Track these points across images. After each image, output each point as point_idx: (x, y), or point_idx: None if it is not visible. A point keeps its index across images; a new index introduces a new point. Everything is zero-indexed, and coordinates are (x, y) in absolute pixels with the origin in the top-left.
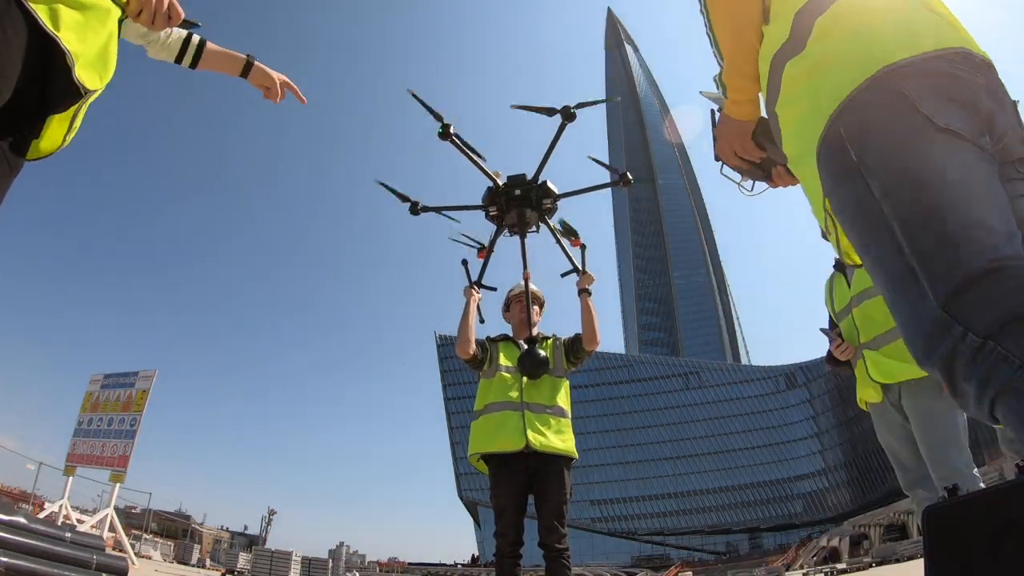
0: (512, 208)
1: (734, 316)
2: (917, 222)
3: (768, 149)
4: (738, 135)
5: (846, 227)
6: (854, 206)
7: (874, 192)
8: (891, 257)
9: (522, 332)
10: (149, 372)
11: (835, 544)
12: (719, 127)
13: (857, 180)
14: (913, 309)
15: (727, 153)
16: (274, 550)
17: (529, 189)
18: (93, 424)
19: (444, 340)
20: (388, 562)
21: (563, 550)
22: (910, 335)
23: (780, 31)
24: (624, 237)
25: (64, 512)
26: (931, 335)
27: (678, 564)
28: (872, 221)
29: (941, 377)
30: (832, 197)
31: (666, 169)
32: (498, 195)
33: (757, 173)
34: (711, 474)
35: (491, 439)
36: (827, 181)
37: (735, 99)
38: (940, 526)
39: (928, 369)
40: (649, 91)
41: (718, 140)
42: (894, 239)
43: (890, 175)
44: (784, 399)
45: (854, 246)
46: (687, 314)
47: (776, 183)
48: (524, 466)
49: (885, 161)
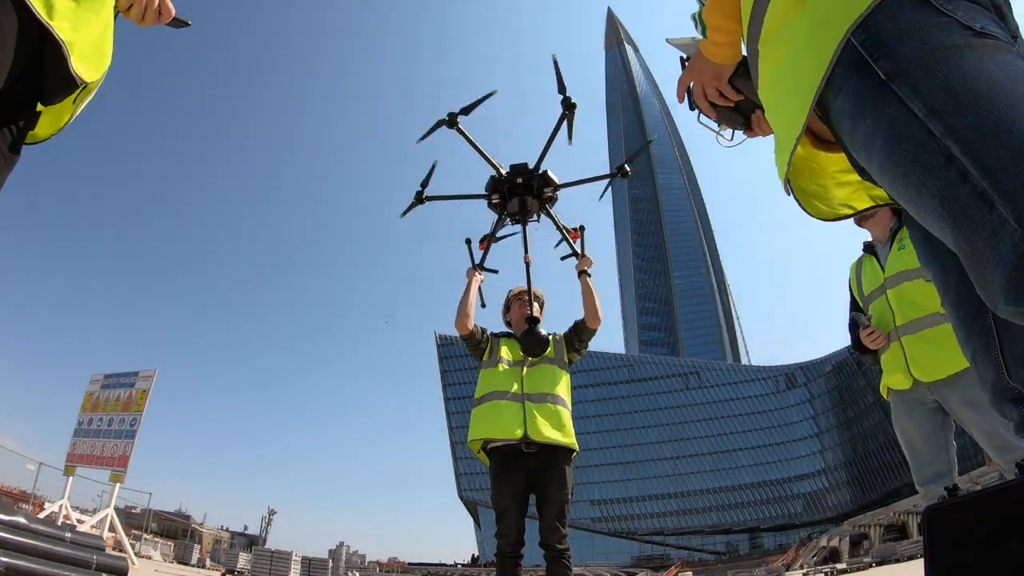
0: (514, 197)
1: (734, 316)
2: (983, 139)
3: (746, 93)
4: (713, 77)
5: (878, 162)
6: (888, 130)
7: (916, 111)
8: (949, 184)
9: (520, 328)
10: (149, 372)
11: (835, 544)
12: (693, 66)
13: (888, 101)
14: (989, 241)
15: (698, 95)
16: (274, 550)
17: (531, 178)
18: (93, 424)
19: (444, 340)
20: (388, 562)
21: (564, 550)
22: (987, 273)
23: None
24: (624, 237)
25: (64, 512)
26: (1016, 269)
27: (678, 564)
28: (916, 145)
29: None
30: (858, 132)
31: (666, 169)
32: (501, 184)
33: (735, 119)
34: (711, 474)
35: (491, 426)
36: (848, 113)
37: (715, 40)
38: (940, 526)
39: (1007, 311)
40: (649, 91)
41: (692, 80)
42: (952, 162)
43: (935, 90)
44: (784, 399)
45: (886, 182)
46: (687, 314)
47: (755, 132)
48: (525, 466)
49: (925, 74)
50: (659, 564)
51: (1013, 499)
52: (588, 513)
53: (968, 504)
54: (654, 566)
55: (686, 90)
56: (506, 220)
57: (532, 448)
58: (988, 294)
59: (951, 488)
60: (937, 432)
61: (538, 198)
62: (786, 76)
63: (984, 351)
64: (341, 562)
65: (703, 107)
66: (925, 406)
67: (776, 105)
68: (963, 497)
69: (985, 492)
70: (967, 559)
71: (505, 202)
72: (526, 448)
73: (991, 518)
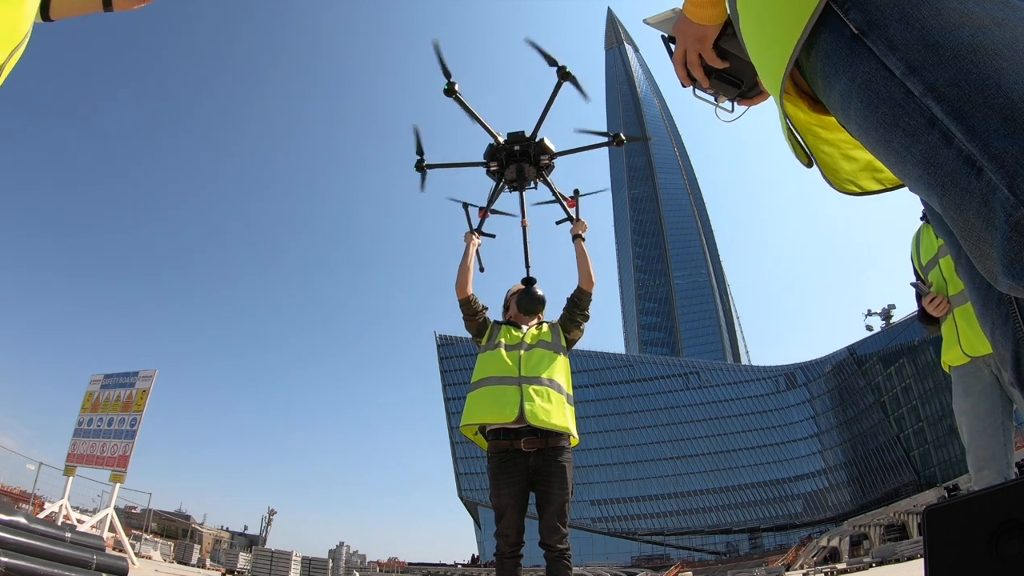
0: (511, 164)
1: (734, 316)
2: (967, 97)
3: (737, 56)
4: (696, 40)
5: (856, 125)
6: (863, 91)
7: (892, 68)
8: (932, 148)
9: (523, 323)
10: (149, 372)
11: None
12: (679, 33)
13: (862, 58)
14: (980, 210)
15: (691, 62)
16: (274, 550)
17: (528, 146)
18: (93, 424)
19: (444, 340)
20: (388, 562)
21: (564, 550)
22: (981, 245)
23: None
24: (624, 237)
25: (64, 512)
26: (1012, 241)
27: (678, 564)
28: (895, 107)
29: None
30: (832, 93)
31: (666, 169)
32: (498, 151)
33: (728, 89)
34: (711, 474)
35: (487, 410)
36: (821, 72)
37: (698, 1)
38: (940, 526)
39: (1008, 285)
40: (649, 91)
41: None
42: (935, 124)
43: (912, 42)
44: (784, 399)
45: (868, 146)
46: (687, 314)
47: (752, 101)
48: (525, 465)
49: (900, 25)
50: (659, 564)
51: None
52: (588, 513)
53: (968, 504)
54: (654, 566)
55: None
56: (504, 187)
57: (531, 446)
58: (985, 267)
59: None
60: (993, 412)
61: (535, 165)
62: (761, 35)
63: (1003, 324)
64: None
65: (697, 75)
66: (983, 383)
67: (756, 64)
68: (963, 497)
69: (985, 492)
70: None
71: (503, 169)
72: (525, 447)
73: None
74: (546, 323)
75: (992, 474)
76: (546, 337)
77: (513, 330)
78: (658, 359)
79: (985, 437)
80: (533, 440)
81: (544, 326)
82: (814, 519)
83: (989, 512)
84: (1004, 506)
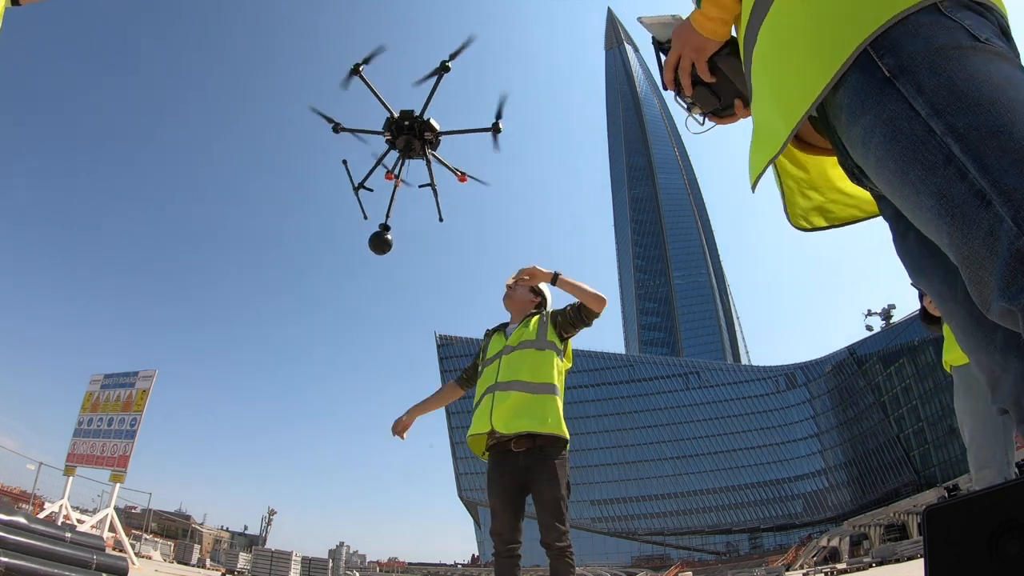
0: (401, 136)
1: (734, 316)
2: (984, 140)
3: (726, 76)
4: (695, 50)
5: (875, 157)
6: (887, 126)
7: (918, 109)
8: (947, 181)
9: (517, 317)
10: (149, 372)
11: (835, 544)
12: (677, 40)
13: (889, 97)
14: (986, 239)
15: (682, 68)
16: (274, 550)
17: (415, 122)
18: (93, 424)
19: (444, 340)
20: (388, 562)
21: (564, 548)
22: (979, 270)
23: None
24: (624, 237)
25: (64, 512)
26: (1011, 267)
27: (678, 564)
28: (916, 143)
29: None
30: (856, 127)
31: (666, 169)
32: (392, 124)
33: (710, 101)
34: (711, 474)
35: (473, 425)
36: (847, 107)
37: (708, 12)
38: (940, 526)
39: (1001, 309)
40: (649, 91)
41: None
42: (952, 161)
43: (939, 89)
44: (784, 399)
45: (881, 178)
46: (687, 314)
47: (727, 119)
48: (515, 464)
49: (929, 73)
50: (659, 564)
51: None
52: (588, 513)
53: (968, 504)
54: (654, 566)
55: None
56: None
57: (520, 446)
58: (981, 292)
59: (951, 488)
60: (994, 412)
61: (420, 139)
62: (785, 70)
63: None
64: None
65: (684, 82)
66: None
67: (767, 97)
68: (963, 497)
69: (985, 492)
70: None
71: (395, 138)
72: (515, 446)
73: (991, 518)
74: (536, 316)
75: (993, 473)
76: (530, 336)
77: (502, 338)
78: (658, 359)
79: (986, 437)
80: (522, 440)
81: (532, 321)
82: (814, 519)
83: (989, 512)
84: (1004, 506)
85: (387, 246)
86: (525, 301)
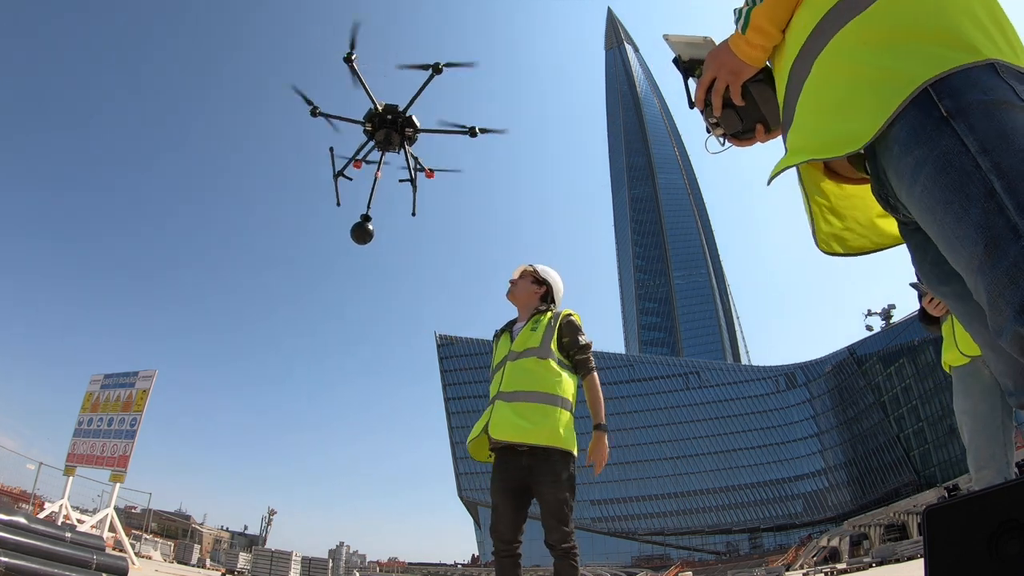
0: (382, 128)
1: (734, 316)
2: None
3: (756, 102)
4: (731, 72)
5: (922, 186)
6: (939, 159)
7: (968, 146)
8: (987, 213)
9: (524, 313)
10: (149, 372)
11: (835, 544)
12: (715, 59)
13: (945, 134)
14: (1009, 269)
15: (705, 85)
16: (274, 550)
17: (397, 116)
18: (93, 424)
19: (444, 340)
20: (388, 562)
21: (568, 549)
22: (1005, 294)
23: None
24: (624, 237)
25: (64, 512)
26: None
27: (678, 564)
28: (963, 176)
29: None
30: (908, 158)
31: (666, 169)
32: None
33: (734, 123)
34: (711, 474)
35: (472, 430)
36: (901, 140)
37: (752, 40)
38: (940, 526)
39: (1014, 333)
40: (649, 91)
41: (712, 77)
42: (993, 196)
43: (989, 132)
44: (784, 399)
45: (924, 205)
46: (687, 314)
47: (746, 142)
48: (518, 464)
49: (983, 118)
50: (659, 564)
51: (1013, 499)
52: (588, 513)
53: (968, 504)
54: (654, 566)
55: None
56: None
57: (524, 446)
58: (996, 321)
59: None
60: (993, 412)
61: (400, 133)
62: (846, 101)
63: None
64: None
65: (715, 103)
66: (983, 383)
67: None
68: (963, 497)
69: (985, 492)
70: (967, 559)
71: (375, 130)
72: (519, 446)
73: (991, 518)
74: (546, 316)
75: (992, 473)
76: (535, 342)
77: (506, 339)
78: (658, 359)
79: (985, 437)
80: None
81: (541, 323)
82: (814, 519)
83: (989, 512)
84: (1004, 506)
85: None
86: (529, 293)
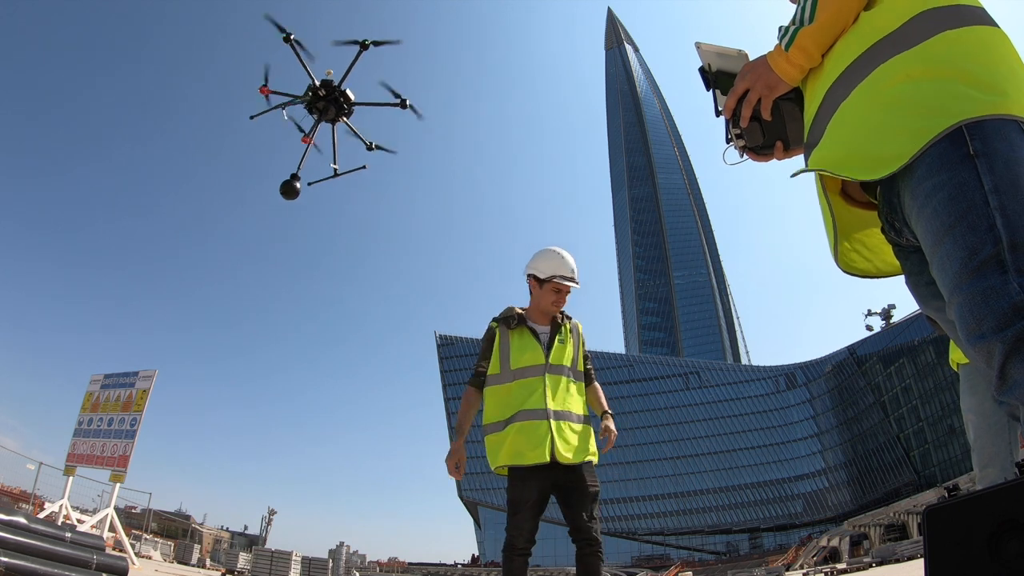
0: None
1: (734, 316)
2: (1022, 224)
3: (783, 119)
4: (766, 87)
5: (932, 208)
6: (955, 188)
7: (983, 183)
8: (981, 242)
9: (542, 320)
10: (149, 372)
11: (835, 544)
12: (752, 72)
13: (967, 168)
14: (992, 289)
15: (737, 96)
16: (274, 550)
17: (332, 91)
18: (93, 424)
19: (444, 340)
20: (388, 562)
21: (598, 540)
22: (978, 309)
23: (885, 21)
24: (624, 237)
25: (64, 512)
26: (1006, 313)
27: (678, 564)
28: (971, 206)
29: (999, 353)
30: (926, 183)
31: (666, 169)
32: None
33: (757, 137)
34: (711, 474)
35: (520, 453)
36: (930, 167)
37: (794, 59)
38: (940, 526)
39: (983, 343)
40: (649, 91)
41: (746, 87)
42: (992, 231)
43: (1005, 177)
44: (784, 399)
45: (931, 227)
46: (687, 314)
47: (764, 157)
48: (552, 475)
49: (1003, 165)
50: (659, 564)
51: (1013, 499)
52: None
53: (968, 504)
54: (654, 566)
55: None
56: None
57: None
58: (969, 322)
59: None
60: (999, 411)
61: (335, 107)
62: (887, 125)
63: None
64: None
65: (745, 114)
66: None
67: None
68: (963, 497)
69: (985, 492)
70: (967, 559)
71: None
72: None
73: (991, 518)
74: (567, 331)
75: (996, 472)
76: (568, 360)
77: (530, 339)
78: (658, 359)
79: (990, 435)
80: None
81: (568, 339)
82: (814, 519)
83: (989, 512)
84: (1004, 506)
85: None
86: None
